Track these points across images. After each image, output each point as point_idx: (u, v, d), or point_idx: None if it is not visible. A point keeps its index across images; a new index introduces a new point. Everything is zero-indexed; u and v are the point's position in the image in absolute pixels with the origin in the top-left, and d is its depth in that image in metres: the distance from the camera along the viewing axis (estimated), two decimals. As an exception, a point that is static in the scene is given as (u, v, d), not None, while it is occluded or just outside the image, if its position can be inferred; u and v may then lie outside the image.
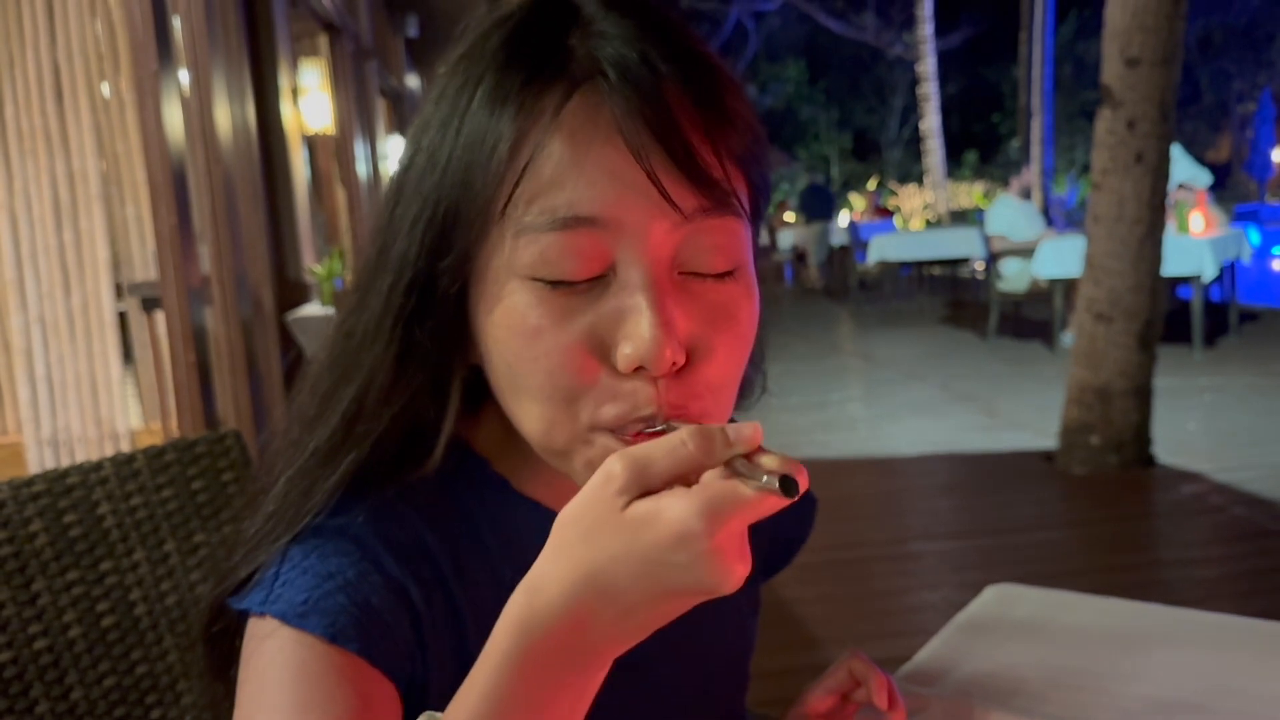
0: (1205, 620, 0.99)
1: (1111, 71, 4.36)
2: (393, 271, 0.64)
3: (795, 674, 0.79)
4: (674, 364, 0.58)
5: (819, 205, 15.00)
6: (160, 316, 3.57)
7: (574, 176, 0.58)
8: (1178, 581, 3.45)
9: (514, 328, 0.60)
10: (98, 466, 1.02)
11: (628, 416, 0.60)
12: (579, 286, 0.59)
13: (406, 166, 0.65)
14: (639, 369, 0.59)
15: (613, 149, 0.58)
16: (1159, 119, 4.33)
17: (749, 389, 0.79)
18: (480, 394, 0.69)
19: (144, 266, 3.80)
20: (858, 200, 20.01)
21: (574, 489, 0.69)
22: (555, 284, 0.59)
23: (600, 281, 0.59)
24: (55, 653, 0.94)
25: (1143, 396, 4.56)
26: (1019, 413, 5.81)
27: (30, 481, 0.97)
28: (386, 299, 0.64)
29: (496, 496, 0.71)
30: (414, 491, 0.67)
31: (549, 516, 0.69)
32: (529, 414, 0.62)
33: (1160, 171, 4.39)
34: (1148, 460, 4.58)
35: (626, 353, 0.58)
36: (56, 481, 0.98)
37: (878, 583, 3.58)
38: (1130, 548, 3.79)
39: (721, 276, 0.61)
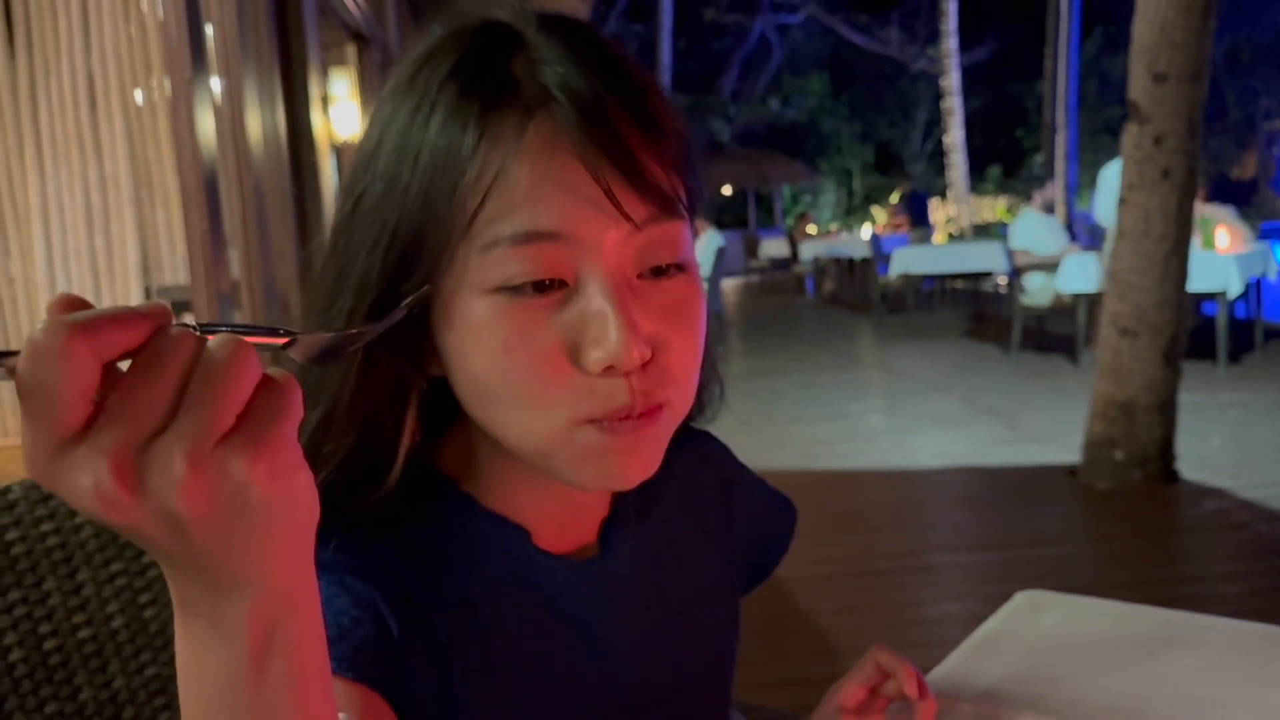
0: (1236, 628, 1.00)
1: (1139, 87, 4.35)
2: (353, 295, 0.65)
3: (815, 684, 0.80)
4: (641, 360, 0.62)
5: (923, 211, 15.30)
6: (189, 320, 3.62)
7: (535, 195, 0.61)
8: (1201, 597, 3.43)
9: (484, 342, 0.63)
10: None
11: (605, 408, 0.63)
12: (543, 297, 0.62)
13: (359, 193, 0.67)
14: (609, 368, 0.62)
15: (570, 169, 0.61)
16: (1186, 135, 4.32)
17: (709, 400, 0.81)
18: (442, 412, 0.71)
19: (173, 271, 3.84)
20: (879, 213, 19.97)
21: (538, 501, 0.73)
22: (520, 296, 0.62)
23: (562, 290, 0.63)
24: (99, 642, 0.96)
25: (1167, 412, 4.54)
26: (1041, 426, 5.80)
27: (76, 474, 0.99)
28: (348, 322, 0.65)
29: (460, 512, 0.73)
30: (379, 511, 0.68)
31: (515, 530, 0.72)
32: (506, 422, 0.65)
33: (1187, 187, 4.38)
34: (1171, 476, 4.56)
35: (597, 356, 0.62)
36: (102, 475, 1.01)
37: (898, 594, 3.58)
38: (1153, 563, 3.77)
39: (672, 274, 0.66)
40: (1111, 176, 7.09)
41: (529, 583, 0.73)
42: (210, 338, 0.40)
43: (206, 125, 3.34)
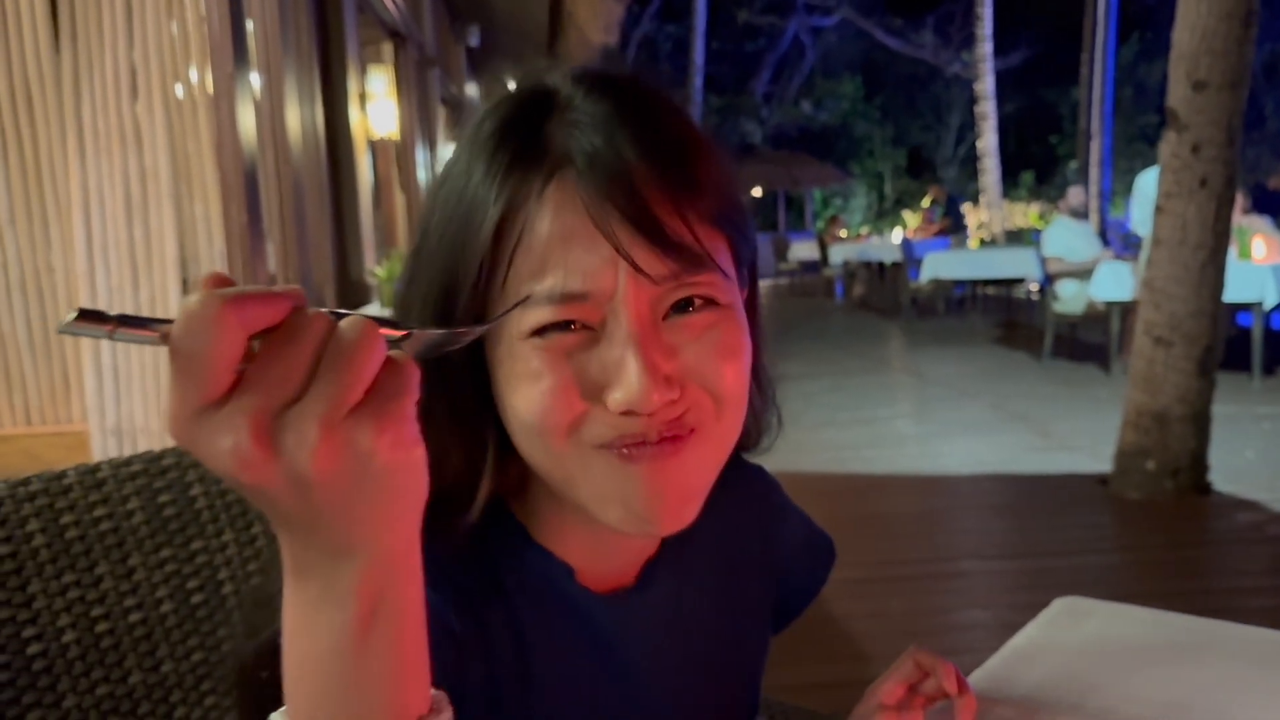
0: (1277, 638, 0.99)
1: (1177, 94, 4.32)
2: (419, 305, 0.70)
3: (845, 688, 0.80)
4: (666, 402, 0.65)
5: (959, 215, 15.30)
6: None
7: (560, 254, 0.65)
8: (1232, 610, 3.40)
9: (520, 377, 0.67)
10: (191, 450, 1.06)
11: (621, 432, 0.66)
12: (573, 335, 0.66)
13: (418, 249, 0.71)
14: (629, 411, 0.65)
15: (586, 229, 0.64)
16: (1225, 143, 4.28)
17: (765, 428, 0.84)
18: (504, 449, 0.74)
19: (210, 263, 3.88)
20: (910, 217, 19.87)
21: (583, 541, 0.76)
22: (551, 337, 0.66)
23: (593, 332, 0.66)
24: (149, 625, 0.98)
25: (1201, 423, 4.51)
26: (1072, 435, 5.76)
27: (129, 462, 1.01)
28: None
29: (515, 541, 0.76)
30: (447, 533, 0.71)
31: (560, 566, 0.75)
32: (536, 449, 0.69)
33: (1225, 196, 4.34)
34: (1204, 487, 4.52)
35: (617, 398, 0.65)
36: (153, 463, 1.03)
37: (928, 600, 3.57)
38: (1185, 574, 3.75)
39: (700, 309, 0.68)
40: (1147, 184, 7.04)
41: (570, 616, 0.76)
42: (346, 318, 0.44)
43: (247, 119, 3.38)
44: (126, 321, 0.40)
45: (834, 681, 2.84)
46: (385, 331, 0.46)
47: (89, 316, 0.39)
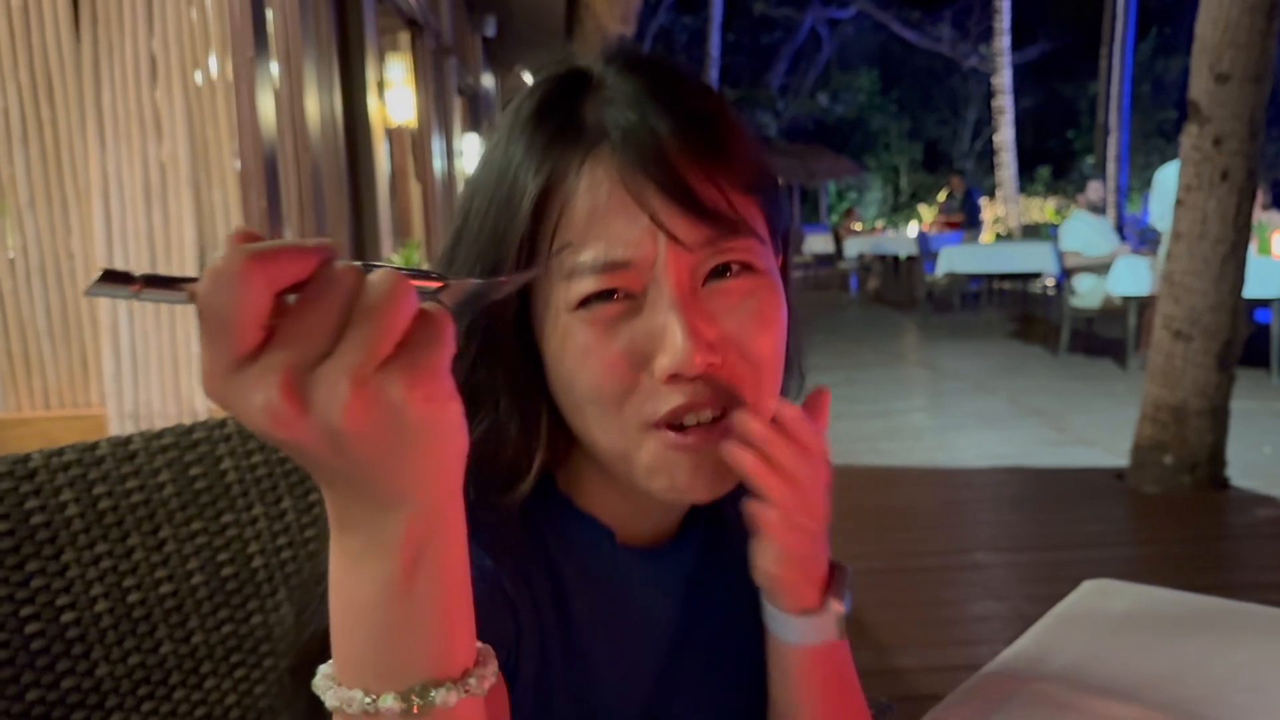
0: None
1: (1200, 87, 4.29)
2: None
3: (861, 676, 0.80)
4: (709, 365, 0.67)
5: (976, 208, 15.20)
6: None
7: (600, 226, 0.67)
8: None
9: (569, 350, 0.69)
10: (221, 424, 1.06)
11: (669, 406, 0.69)
12: (617, 305, 0.68)
13: (459, 232, 0.74)
14: (674, 376, 0.67)
15: (624, 201, 0.67)
16: (1247, 136, 4.26)
17: (789, 375, 0.85)
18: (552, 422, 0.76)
19: (229, 250, 3.89)
20: (926, 211, 19.81)
21: (623, 507, 0.78)
22: (597, 308, 0.68)
23: (636, 301, 0.68)
24: (179, 597, 0.98)
25: (1219, 417, 4.49)
26: (1089, 429, 5.74)
27: (160, 434, 1.01)
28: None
29: (560, 511, 0.78)
30: (502, 505, 0.73)
31: (603, 530, 0.78)
32: (589, 426, 0.71)
33: (1246, 190, 4.32)
34: (1222, 482, 4.50)
35: (664, 364, 0.67)
36: (184, 436, 1.03)
37: (943, 591, 3.57)
38: (1202, 569, 3.73)
39: (738, 274, 0.71)
40: (1168, 179, 6.99)
41: (611, 576, 0.79)
42: (375, 271, 0.43)
43: (266, 107, 3.38)
44: (153, 281, 0.40)
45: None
46: (420, 283, 0.45)
47: (114, 277, 0.39)
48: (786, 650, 0.77)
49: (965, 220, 14.95)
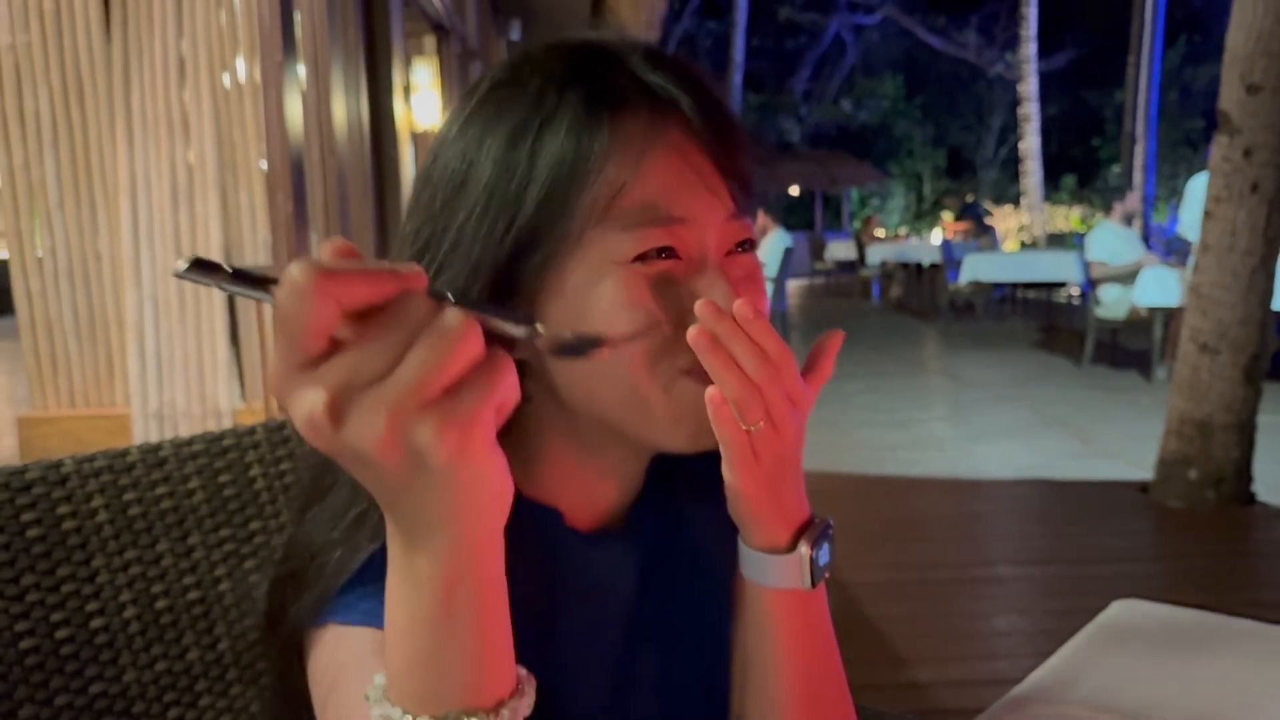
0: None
1: (1230, 97, 4.26)
2: (465, 273, 0.69)
3: (880, 689, 0.79)
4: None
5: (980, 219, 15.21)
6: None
7: (671, 186, 0.70)
8: (1275, 624, 3.35)
9: (608, 302, 0.69)
10: (250, 431, 1.07)
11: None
12: (666, 262, 0.70)
13: (461, 181, 0.71)
14: None
15: (695, 164, 0.71)
16: (1278, 148, 4.22)
17: None
18: None
19: (254, 252, 3.92)
20: (950, 219, 19.74)
21: (573, 489, 0.79)
22: (648, 263, 0.69)
23: (679, 262, 0.71)
24: (206, 604, 0.98)
25: (1245, 432, 4.44)
26: (1113, 441, 5.70)
27: (190, 441, 1.02)
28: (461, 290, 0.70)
29: None
30: None
31: (550, 513, 0.78)
32: (612, 377, 0.70)
33: (1276, 202, 4.28)
34: (1248, 497, 4.46)
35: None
36: (214, 443, 1.04)
37: (965, 604, 3.54)
38: (1227, 586, 3.69)
39: (747, 249, 0.75)
40: (1199, 188, 6.94)
41: (560, 558, 0.79)
42: (448, 309, 0.43)
43: (294, 109, 3.40)
44: (240, 277, 0.42)
45: (867, 684, 2.83)
46: (507, 328, 0.45)
47: (203, 266, 0.41)
48: (758, 593, 0.76)
49: (973, 230, 14.93)
